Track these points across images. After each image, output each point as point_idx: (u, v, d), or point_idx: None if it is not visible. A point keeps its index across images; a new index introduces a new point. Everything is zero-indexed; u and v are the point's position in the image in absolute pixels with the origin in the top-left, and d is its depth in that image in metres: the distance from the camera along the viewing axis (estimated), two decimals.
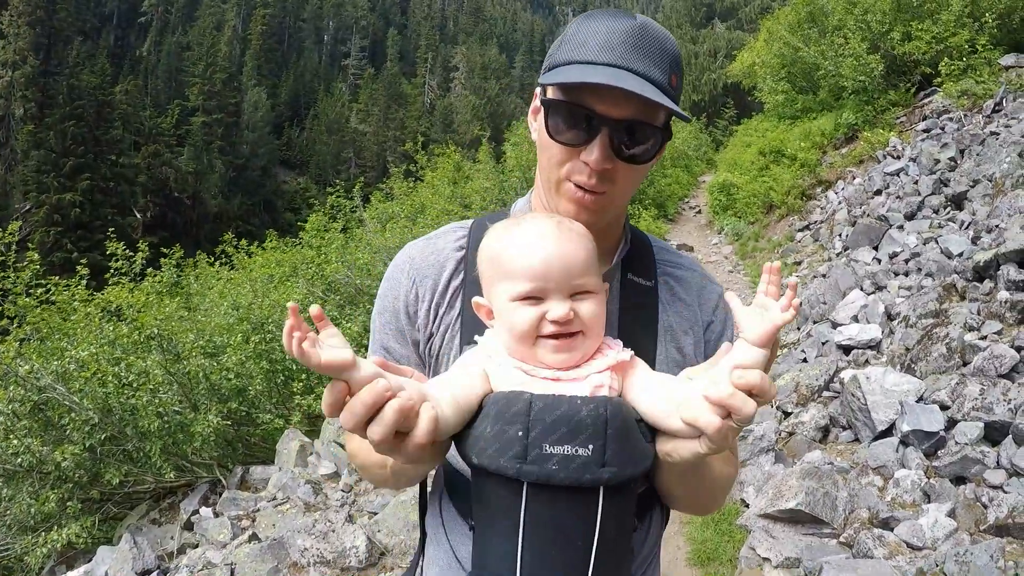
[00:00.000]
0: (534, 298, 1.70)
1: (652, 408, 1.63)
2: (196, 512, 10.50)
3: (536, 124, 2.02)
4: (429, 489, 2.22)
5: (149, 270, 16.71)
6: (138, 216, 71.12)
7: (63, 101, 68.72)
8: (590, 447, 1.49)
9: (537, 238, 1.74)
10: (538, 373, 1.68)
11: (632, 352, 1.79)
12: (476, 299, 1.87)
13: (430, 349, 2.07)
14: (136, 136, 79.99)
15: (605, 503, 1.53)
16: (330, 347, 1.42)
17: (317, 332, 1.44)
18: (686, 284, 2.16)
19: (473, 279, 1.96)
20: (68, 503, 10.71)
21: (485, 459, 1.54)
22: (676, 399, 1.57)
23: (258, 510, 9.67)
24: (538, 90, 1.94)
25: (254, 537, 8.57)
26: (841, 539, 6.30)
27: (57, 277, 15.14)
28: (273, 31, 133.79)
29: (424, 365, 2.09)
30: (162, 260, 18.31)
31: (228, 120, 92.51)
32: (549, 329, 1.67)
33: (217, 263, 22.68)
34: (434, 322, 2.06)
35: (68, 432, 10.68)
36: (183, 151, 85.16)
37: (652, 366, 1.92)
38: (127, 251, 15.95)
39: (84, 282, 15.12)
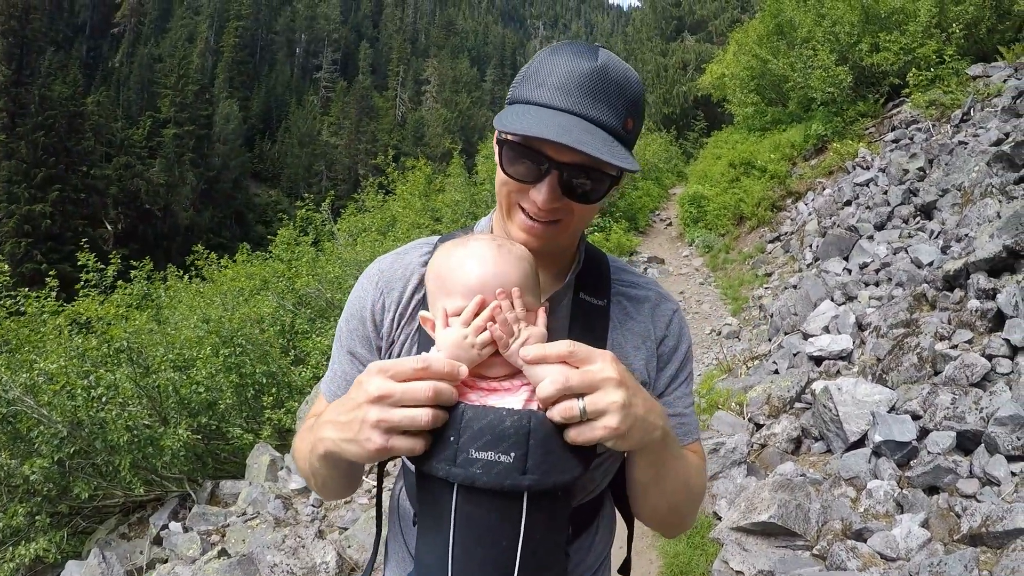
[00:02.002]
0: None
1: None
2: (165, 527, 10.40)
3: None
4: (393, 486, 2.39)
5: (119, 282, 16.59)
6: (109, 228, 70.72)
7: (34, 111, 68.52)
8: (512, 455, 1.61)
9: (476, 258, 1.86)
10: (476, 383, 1.78)
11: None
12: (422, 313, 1.98)
13: (391, 355, 2.18)
14: (107, 147, 79.57)
15: (530, 507, 1.65)
16: None
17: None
18: (639, 303, 2.23)
19: None
20: (37, 517, 10.59)
21: (421, 460, 1.69)
22: None
23: (228, 525, 9.59)
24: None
25: (223, 553, 8.47)
26: (814, 551, 6.28)
27: (27, 288, 15.03)
28: (245, 43, 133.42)
29: None
30: (132, 272, 18.17)
31: (200, 132, 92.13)
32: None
33: (187, 276, 22.53)
34: (397, 330, 2.17)
35: (37, 445, 10.56)
36: (154, 163, 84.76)
37: None
38: (98, 263, 15.84)
39: (54, 294, 15.01)
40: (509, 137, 1.90)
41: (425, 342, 2.02)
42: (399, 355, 2.14)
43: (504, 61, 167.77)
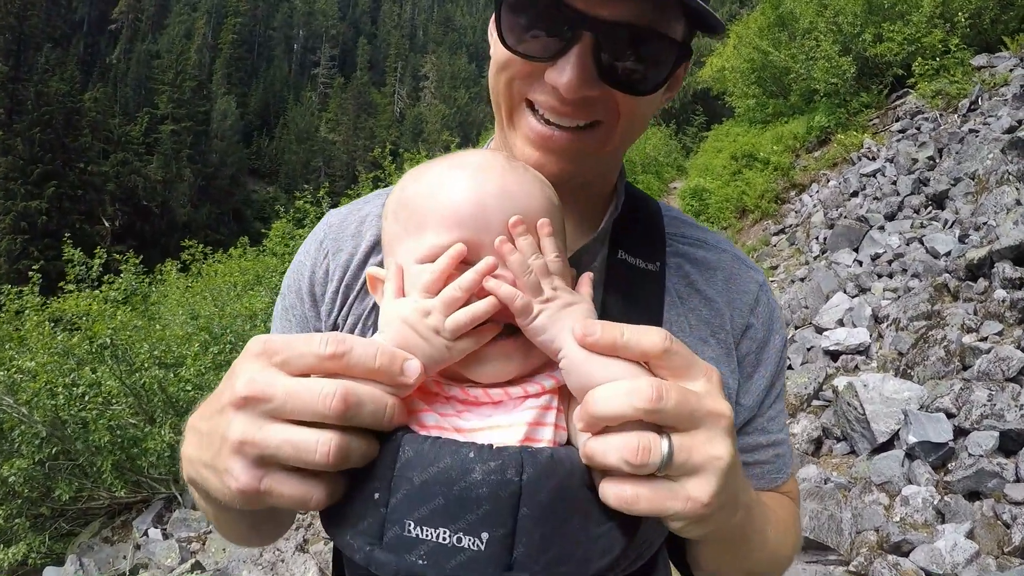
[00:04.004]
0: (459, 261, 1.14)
1: None
2: (146, 533, 10.07)
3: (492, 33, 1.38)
4: None
5: (108, 276, 16.28)
6: (106, 224, 70.97)
7: (31, 107, 69.07)
8: (484, 536, 0.96)
9: (469, 171, 1.20)
10: (444, 388, 1.13)
11: None
12: (371, 270, 1.30)
13: None
14: (105, 144, 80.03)
15: None
16: None
17: None
18: (709, 270, 1.52)
19: None
20: (16, 520, 10.29)
21: (332, 526, 1.07)
22: None
23: (209, 532, 9.28)
24: None
25: (198, 566, 8.09)
26: (851, 567, 5.82)
27: (22, 286, 14.87)
28: (243, 40, 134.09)
29: None
30: (122, 267, 17.90)
31: (197, 128, 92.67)
32: None
33: (175, 271, 22.28)
34: (342, 309, 1.49)
35: (17, 446, 10.29)
36: (152, 159, 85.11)
37: None
38: (84, 257, 15.56)
39: (37, 289, 14.70)
40: None
41: None
42: None
43: None
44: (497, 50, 1.33)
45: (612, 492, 0.96)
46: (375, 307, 1.42)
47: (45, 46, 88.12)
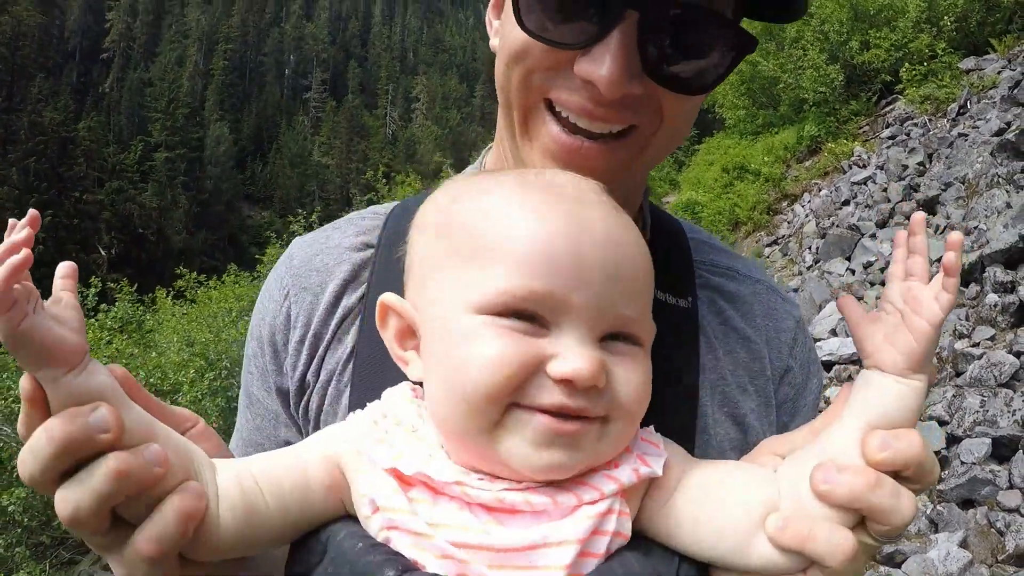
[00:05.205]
0: (529, 318, 0.87)
1: (705, 541, 0.90)
2: None
3: (499, 21, 1.18)
4: None
5: (102, 305, 16.27)
6: (103, 253, 70.88)
7: (25, 137, 69.12)
8: None
9: (565, 202, 0.92)
10: (472, 482, 0.86)
11: (666, 455, 0.96)
12: (387, 297, 1.01)
13: (306, 408, 1.24)
14: (99, 172, 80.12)
15: None
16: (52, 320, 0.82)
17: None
18: (745, 304, 1.36)
19: (381, 291, 1.05)
20: (17, 549, 10.28)
21: None
22: (755, 512, 0.85)
23: None
24: None
25: None
26: None
27: None
28: (234, 66, 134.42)
29: (301, 432, 1.26)
30: (117, 296, 17.88)
31: (191, 155, 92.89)
32: (549, 398, 0.85)
33: (170, 298, 22.20)
34: (310, 363, 1.25)
35: (16, 475, 10.30)
36: (147, 187, 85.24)
37: (692, 446, 1.12)
38: (79, 286, 15.54)
39: None
40: None
41: (367, 381, 1.12)
42: (318, 409, 1.22)
43: (493, 77, 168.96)
44: (511, 36, 1.10)
45: (841, 545, 0.83)
46: (351, 356, 1.20)
47: (38, 76, 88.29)
